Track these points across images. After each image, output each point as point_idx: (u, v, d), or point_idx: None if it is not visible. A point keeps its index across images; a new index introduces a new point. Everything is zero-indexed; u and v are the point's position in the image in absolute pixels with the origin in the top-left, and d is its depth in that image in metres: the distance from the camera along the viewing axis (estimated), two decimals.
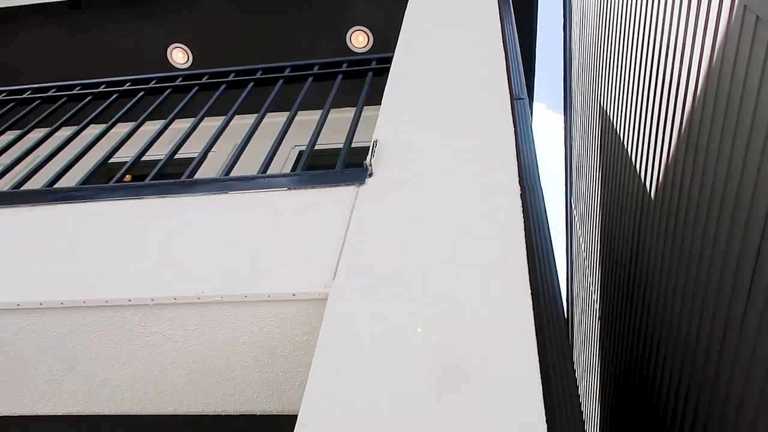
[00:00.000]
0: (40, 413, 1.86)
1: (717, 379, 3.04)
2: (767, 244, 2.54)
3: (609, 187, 5.42)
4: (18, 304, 1.66)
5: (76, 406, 1.83)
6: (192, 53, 4.92)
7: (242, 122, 3.04)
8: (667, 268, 3.80)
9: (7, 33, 4.90)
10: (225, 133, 2.57)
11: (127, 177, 4.80)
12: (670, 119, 3.78)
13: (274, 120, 2.86)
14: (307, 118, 3.32)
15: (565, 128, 7.63)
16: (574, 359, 7.78)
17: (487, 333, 1.37)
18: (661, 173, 3.95)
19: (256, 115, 2.66)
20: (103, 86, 2.99)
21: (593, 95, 6.10)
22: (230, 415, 1.80)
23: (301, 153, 4.62)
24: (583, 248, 6.96)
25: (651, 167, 4.16)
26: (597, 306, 5.94)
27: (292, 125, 2.52)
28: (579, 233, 7.26)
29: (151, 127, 2.85)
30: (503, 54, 2.69)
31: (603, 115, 5.62)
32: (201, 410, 1.80)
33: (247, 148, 2.40)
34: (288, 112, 2.76)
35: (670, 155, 3.79)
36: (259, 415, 1.79)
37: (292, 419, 1.72)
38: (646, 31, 4.23)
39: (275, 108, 2.72)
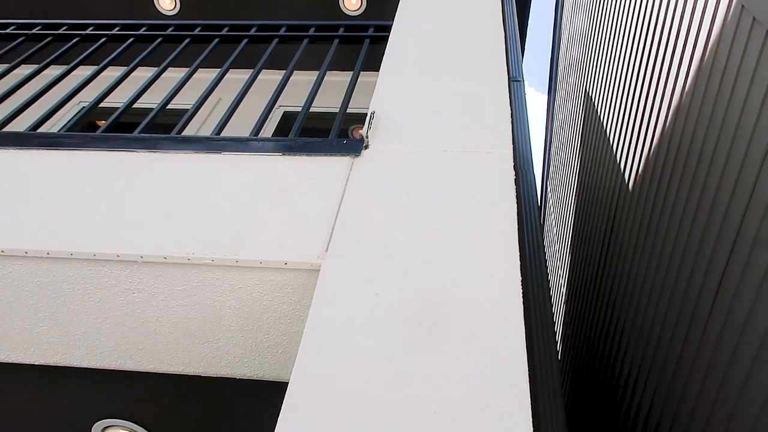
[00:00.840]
0: (16, 361, 1.83)
1: (677, 372, 3.14)
2: (741, 241, 2.61)
3: (586, 173, 5.49)
4: (2, 251, 1.62)
5: (54, 357, 1.81)
6: (180, 0, 4.77)
7: (231, 77, 2.98)
8: (638, 259, 3.89)
9: None
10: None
11: (101, 122, 4.67)
12: (656, 113, 3.83)
13: (263, 77, 2.80)
14: (296, 78, 3.27)
15: (548, 109, 7.67)
16: None
17: (479, 309, 1.40)
18: (641, 165, 4.01)
19: (246, 70, 2.60)
20: (91, 28, 2.89)
21: (580, 80, 6.12)
22: (210, 377, 1.81)
23: (285, 114, 4.56)
24: (555, 231, 7.06)
25: (631, 159, 4.22)
26: (564, 289, 6.07)
27: (276, 83, 2.47)
28: (552, 216, 7.35)
29: (138, 73, 2.77)
30: (503, 34, 2.68)
31: (587, 100, 5.66)
32: (181, 370, 1.80)
33: (232, 103, 2.36)
34: (277, 70, 2.71)
35: (652, 149, 3.84)
36: (239, 379, 1.80)
37: (273, 385, 1.74)
38: (641, 23, 4.24)
39: (266, 65, 2.67)
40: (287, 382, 1.27)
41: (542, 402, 1.40)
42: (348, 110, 2.35)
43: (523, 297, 1.43)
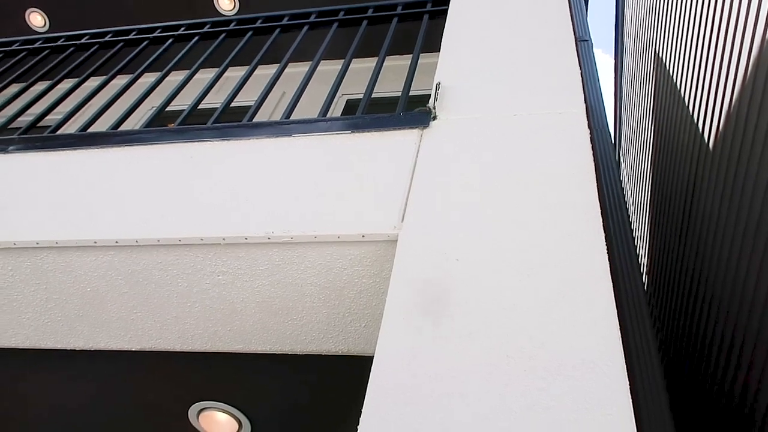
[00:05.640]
0: (114, 348, 1.92)
1: None
2: None
3: (662, 135, 5.27)
4: (95, 242, 1.70)
5: (149, 342, 1.89)
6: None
7: (291, 70, 2.99)
8: (723, 222, 3.71)
9: None
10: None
11: (169, 124, 4.81)
12: (734, 67, 3.63)
13: (321, 68, 2.81)
14: (353, 66, 3.27)
15: (615, 71, 7.40)
16: None
17: (560, 274, 1.36)
18: (722, 122, 3.82)
19: (305, 62, 2.62)
20: (158, 30, 2.99)
21: (649, 38, 5.88)
22: (299, 356, 1.84)
23: (348, 102, 4.59)
24: (630, 199, 6.84)
25: (710, 116, 4.02)
26: (645, 260, 5.86)
27: (337, 72, 2.47)
28: (625, 183, 7.12)
29: (201, 75, 2.83)
30: None
31: (658, 59, 5.43)
32: (268, 349, 1.84)
33: (298, 87, 2.38)
34: (334, 60, 2.72)
35: (732, 104, 3.65)
36: (327, 356, 1.82)
37: (357, 360, 1.75)
38: None
39: (323, 55, 2.67)
40: (373, 357, 1.27)
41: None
42: (413, 92, 2.32)
43: (609, 261, 1.39)
